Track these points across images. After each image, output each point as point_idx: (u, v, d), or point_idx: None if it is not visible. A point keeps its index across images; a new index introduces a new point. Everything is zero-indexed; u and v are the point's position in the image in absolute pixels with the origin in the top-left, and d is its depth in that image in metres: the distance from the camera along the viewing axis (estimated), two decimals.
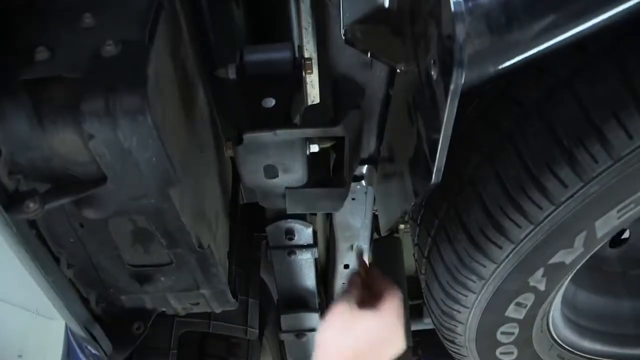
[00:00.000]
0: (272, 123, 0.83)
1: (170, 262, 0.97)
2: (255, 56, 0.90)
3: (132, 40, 0.70)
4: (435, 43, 0.56)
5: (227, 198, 1.24)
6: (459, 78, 0.50)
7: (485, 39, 0.56)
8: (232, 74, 0.90)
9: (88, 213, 0.80)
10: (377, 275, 0.96)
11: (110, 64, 0.68)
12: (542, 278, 0.99)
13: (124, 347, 1.05)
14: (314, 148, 0.89)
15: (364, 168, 1.25)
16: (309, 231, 1.36)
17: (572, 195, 0.84)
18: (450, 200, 1.00)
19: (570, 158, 0.80)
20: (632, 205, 0.87)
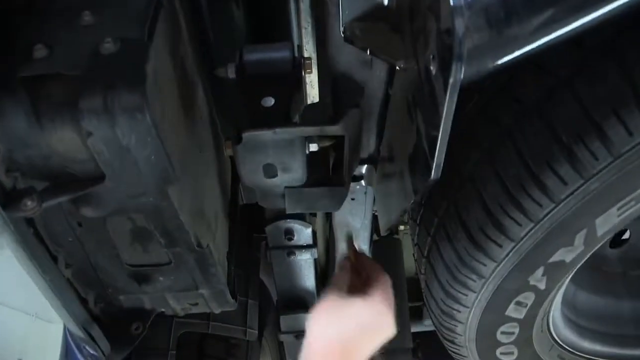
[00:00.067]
0: (271, 122, 0.82)
1: (169, 262, 0.96)
2: (254, 55, 0.90)
3: (131, 38, 0.70)
4: (434, 38, 0.56)
5: (226, 198, 1.23)
6: (458, 72, 0.50)
7: (484, 33, 0.56)
8: (231, 74, 0.90)
9: (86, 211, 0.79)
10: (366, 260, 0.97)
11: (109, 61, 0.68)
12: (542, 277, 0.99)
13: (122, 347, 1.04)
14: (313, 147, 0.89)
15: (364, 168, 1.25)
16: (309, 231, 1.35)
17: (572, 193, 0.84)
18: (450, 199, 1.00)
19: (570, 155, 0.80)
20: (632, 202, 0.86)
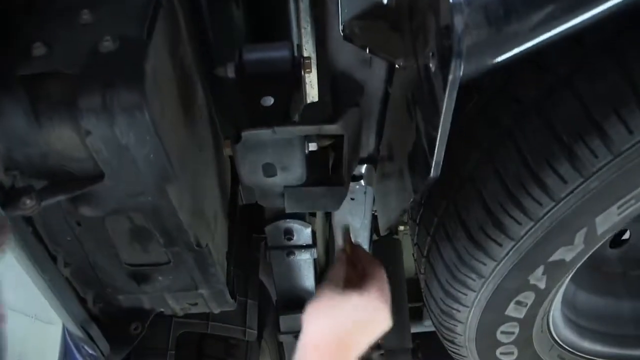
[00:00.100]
0: (270, 121, 0.82)
1: (168, 261, 0.96)
2: (254, 55, 0.90)
3: (130, 36, 0.70)
4: (434, 35, 0.56)
5: (226, 198, 1.23)
6: (457, 69, 0.50)
7: (484, 30, 0.56)
8: (230, 73, 0.90)
9: (85, 210, 0.79)
10: (362, 253, 0.97)
11: (108, 59, 0.68)
12: (542, 276, 0.99)
13: (121, 347, 1.04)
14: (312, 147, 0.89)
15: (363, 167, 1.25)
16: (308, 231, 1.35)
17: (572, 191, 0.83)
18: (450, 198, 1.00)
19: (570, 153, 0.80)
20: (632, 201, 0.86)
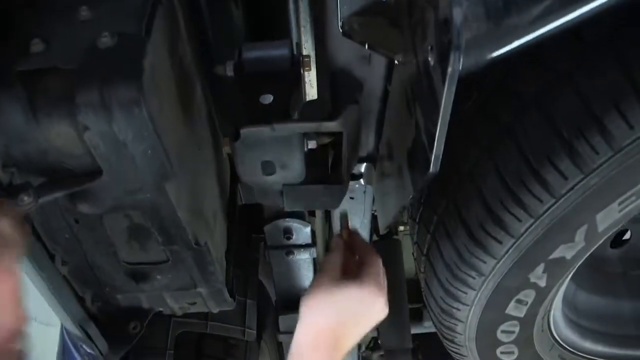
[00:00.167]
0: (269, 118, 0.82)
1: (167, 260, 0.96)
2: (253, 53, 0.90)
3: (128, 33, 0.70)
4: (433, 29, 0.56)
5: (225, 198, 1.23)
6: (456, 62, 0.50)
7: (483, 23, 0.55)
8: (229, 71, 0.90)
9: (83, 208, 0.79)
10: (359, 240, 0.97)
11: (106, 55, 0.68)
12: (542, 274, 0.98)
13: (119, 346, 1.04)
14: (311, 144, 0.89)
15: (363, 166, 1.25)
16: (307, 230, 1.35)
17: (572, 188, 0.83)
18: (450, 196, 0.99)
19: (571, 150, 0.79)
20: (633, 197, 0.86)
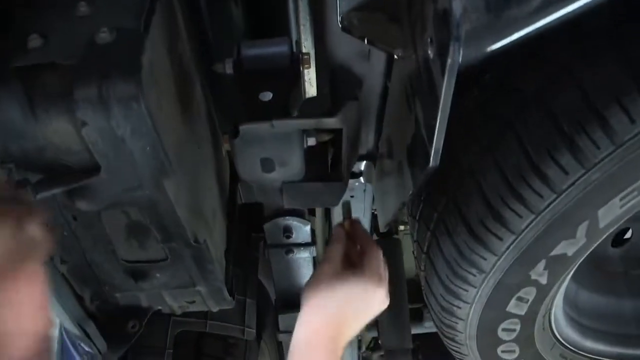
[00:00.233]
0: (269, 115, 0.82)
1: (166, 258, 0.95)
2: (252, 51, 0.90)
3: (126, 28, 0.70)
4: (432, 22, 0.55)
5: (224, 196, 1.22)
6: (456, 53, 0.49)
7: (483, 14, 0.55)
8: (229, 69, 0.90)
9: (81, 204, 0.78)
10: (360, 230, 0.97)
11: (105, 51, 0.68)
12: (543, 271, 0.97)
13: (118, 345, 1.03)
14: (311, 142, 0.89)
15: (362, 165, 1.24)
16: (307, 229, 1.34)
17: (573, 183, 0.82)
18: (450, 193, 0.99)
19: (572, 144, 0.79)
20: (635, 193, 0.85)
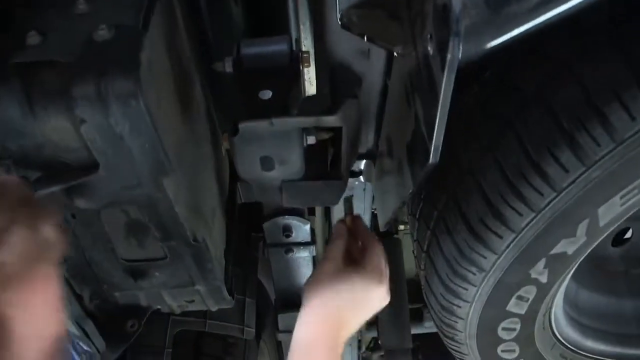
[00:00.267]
0: (268, 113, 0.82)
1: (165, 257, 0.95)
2: (252, 49, 0.90)
3: (125, 26, 0.69)
4: (432, 18, 0.55)
5: (224, 196, 1.22)
6: (455, 49, 0.49)
7: (482, 10, 0.55)
8: (228, 67, 0.90)
9: (80, 202, 0.78)
10: (362, 226, 0.97)
11: (103, 48, 0.67)
12: (544, 269, 0.97)
13: (117, 344, 1.03)
14: (311, 140, 0.88)
15: (362, 164, 1.24)
16: (307, 228, 1.34)
17: (573, 181, 0.82)
18: (450, 191, 0.98)
19: (572, 142, 0.78)
20: (635, 191, 0.85)
